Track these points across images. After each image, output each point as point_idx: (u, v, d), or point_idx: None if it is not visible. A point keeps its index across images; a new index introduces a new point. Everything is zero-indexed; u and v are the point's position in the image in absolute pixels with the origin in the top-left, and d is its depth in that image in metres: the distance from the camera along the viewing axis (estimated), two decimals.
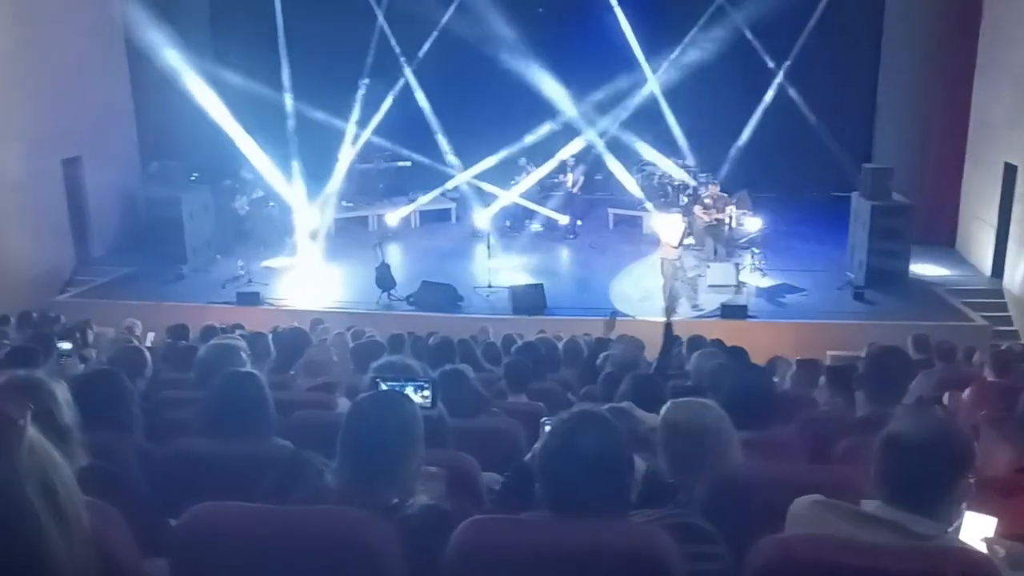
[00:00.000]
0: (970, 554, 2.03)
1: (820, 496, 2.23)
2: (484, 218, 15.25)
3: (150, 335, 9.41)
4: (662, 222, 12.73)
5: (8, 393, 2.61)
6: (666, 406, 2.96)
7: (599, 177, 17.14)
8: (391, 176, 17.13)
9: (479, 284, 13.14)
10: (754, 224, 14.23)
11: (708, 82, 15.02)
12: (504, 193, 15.62)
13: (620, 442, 2.17)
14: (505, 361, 6.07)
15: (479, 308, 12.42)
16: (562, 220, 15.65)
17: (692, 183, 15.56)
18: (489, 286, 13.01)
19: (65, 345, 6.55)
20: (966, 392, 5.13)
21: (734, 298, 12.32)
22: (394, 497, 2.30)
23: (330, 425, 2.50)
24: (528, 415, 4.29)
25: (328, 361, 5.66)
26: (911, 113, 14.93)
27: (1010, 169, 12.94)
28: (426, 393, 3.22)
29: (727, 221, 13.89)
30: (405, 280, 12.88)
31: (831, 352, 9.88)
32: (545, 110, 15.19)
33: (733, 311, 11.80)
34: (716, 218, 13.75)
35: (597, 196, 17.15)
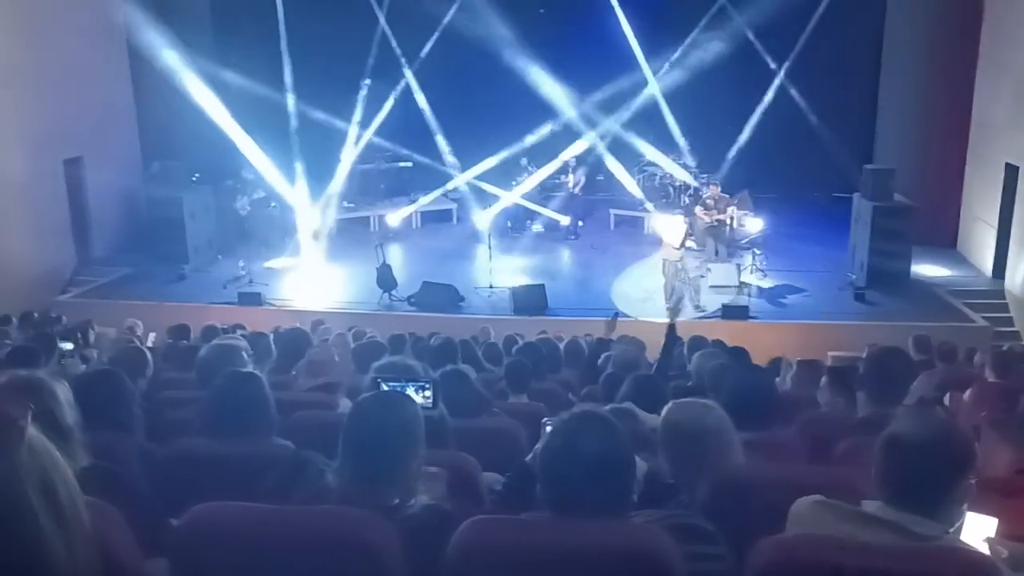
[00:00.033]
0: (971, 555, 2.02)
1: (821, 497, 2.23)
2: (485, 219, 15.25)
3: (151, 335, 9.41)
4: (664, 223, 12.72)
5: (9, 393, 2.62)
6: (667, 407, 2.96)
7: (600, 178, 17.15)
8: (392, 176, 17.15)
9: (480, 284, 13.14)
10: (755, 225, 14.22)
11: (709, 83, 14.99)
12: (505, 194, 15.63)
13: (621, 443, 2.17)
14: (506, 361, 6.07)
15: (480, 308, 12.41)
16: (563, 221, 15.65)
17: (694, 184, 15.56)
18: (490, 287, 13.00)
19: (66, 345, 6.58)
20: (967, 393, 5.11)
21: (735, 299, 12.32)
22: (395, 497, 2.30)
23: (331, 425, 2.50)
24: (529, 415, 4.28)
25: (330, 361, 5.64)
26: (912, 114, 14.91)
27: (1011, 170, 12.92)
28: (427, 393, 3.22)
29: (728, 222, 13.88)
30: (406, 280, 12.88)
31: (832, 353, 9.88)
32: (546, 111, 15.20)
33: (734, 312, 11.79)
34: (717, 219, 13.74)
35: (598, 197, 17.16)
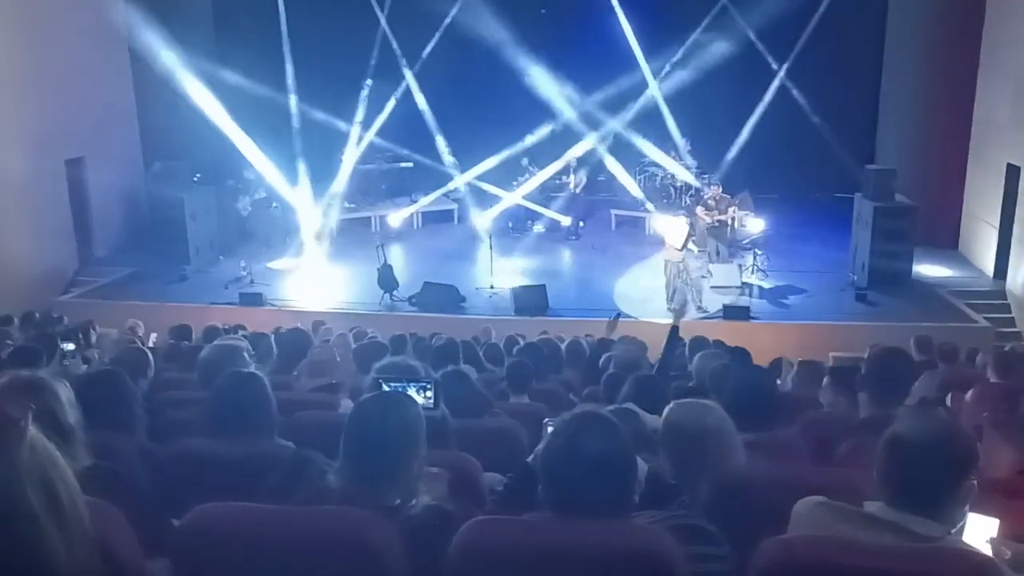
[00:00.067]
0: (973, 556, 2.02)
1: (823, 497, 2.23)
2: (486, 219, 15.25)
3: (153, 336, 9.41)
4: (666, 224, 12.71)
5: (11, 393, 2.61)
6: (668, 407, 2.96)
7: (602, 178, 17.15)
8: (393, 177, 17.16)
9: (481, 285, 13.14)
10: (756, 225, 14.22)
11: (710, 83, 15.00)
12: (506, 194, 15.63)
13: (623, 443, 2.17)
14: (507, 362, 6.07)
15: (481, 309, 12.41)
16: (564, 221, 15.66)
17: (695, 184, 15.56)
18: (491, 287, 13.00)
19: (68, 345, 6.58)
20: (969, 393, 5.10)
21: (736, 299, 12.31)
22: (397, 497, 2.30)
23: (333, 425, 2.50)
24: (530, 416, 4.28)
25: (331, 362, 5.65)
26: (914, 114, 14.91)
27: (1013, 170, 12.90)
28: (429, 394, 3.22)
29: (729, 222, 13.88)
30: (407, 281, 12.88)
31: (833, 353, 9.88)
32: (547, 111, 15.21)
33: (735, 312, 11.78)
34: (718, 219, 13.74)
35: (600, 197, 17.17)
